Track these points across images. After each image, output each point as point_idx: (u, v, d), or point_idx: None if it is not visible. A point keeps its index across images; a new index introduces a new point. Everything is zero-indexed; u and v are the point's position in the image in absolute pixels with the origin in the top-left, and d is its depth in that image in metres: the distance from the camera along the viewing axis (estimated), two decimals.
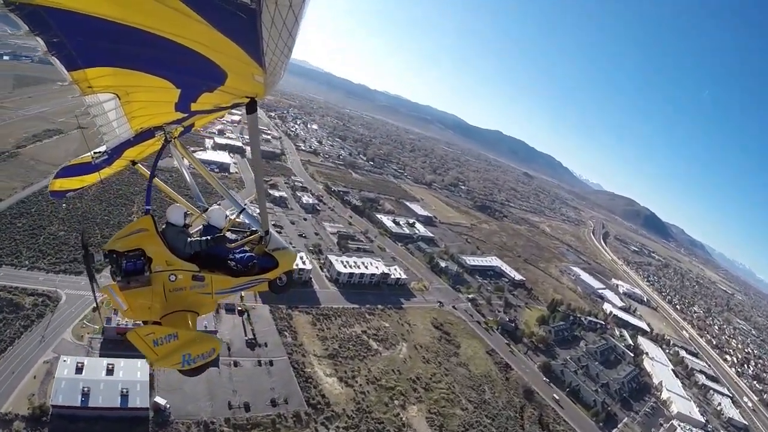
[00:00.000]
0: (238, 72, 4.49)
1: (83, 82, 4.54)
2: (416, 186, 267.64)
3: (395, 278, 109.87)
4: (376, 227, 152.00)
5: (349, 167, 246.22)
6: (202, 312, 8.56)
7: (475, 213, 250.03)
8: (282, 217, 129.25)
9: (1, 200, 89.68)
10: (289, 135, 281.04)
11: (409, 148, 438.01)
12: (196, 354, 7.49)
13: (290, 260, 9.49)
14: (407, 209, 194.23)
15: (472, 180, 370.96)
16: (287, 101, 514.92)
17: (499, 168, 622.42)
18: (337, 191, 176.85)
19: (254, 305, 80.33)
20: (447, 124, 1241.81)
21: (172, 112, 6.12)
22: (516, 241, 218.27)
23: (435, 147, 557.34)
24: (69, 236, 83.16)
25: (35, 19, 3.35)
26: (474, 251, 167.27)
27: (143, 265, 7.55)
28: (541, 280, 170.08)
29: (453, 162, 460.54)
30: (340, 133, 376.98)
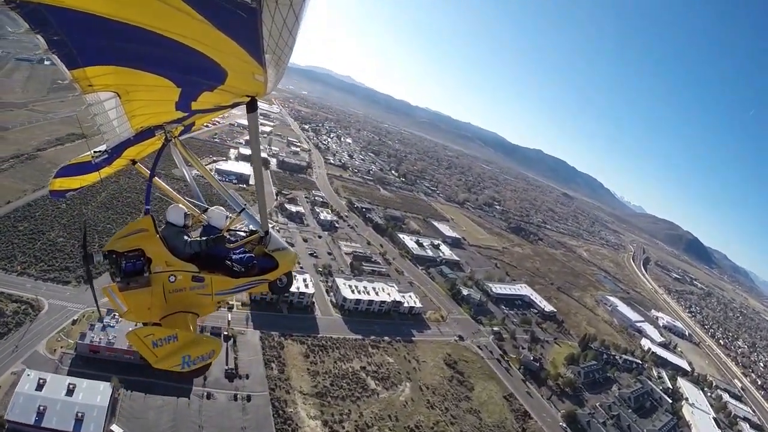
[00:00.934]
0: (238, 71, 4.53)
1: (83, 81, 4.57)
2: (447, 205, 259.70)
3: (408, 306, 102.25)
4: (396, 248, 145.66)
5: (378, 183, 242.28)
6: (202, 313, 8.66)
7: (508, 235, 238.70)
8: (295, 233, 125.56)
9: (9, 202, 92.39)
10: (320, 148, 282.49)
11: (445, 165, 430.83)
12: (195, 355, 7.54)
13: (290, 261, 9.49)
14: (434, 229, 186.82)
15: (508, 200, 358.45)
16: (324, 114, 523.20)
17: (538, 188, 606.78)
18: (360, 208, 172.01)
19: (244, 330, 75.66)
20: (487, 141, 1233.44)
21: (173, 111, 6.17)
22: (550, 267, 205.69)
23: (473, 165, 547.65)
24: (66, 243, 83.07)
25: (36, 17, 3.40)
26: (502, 278, 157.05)
27: (143, 266, 7.66)
28: (575, 311, 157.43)
29: (490, 180, 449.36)
30: (374, 147, 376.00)
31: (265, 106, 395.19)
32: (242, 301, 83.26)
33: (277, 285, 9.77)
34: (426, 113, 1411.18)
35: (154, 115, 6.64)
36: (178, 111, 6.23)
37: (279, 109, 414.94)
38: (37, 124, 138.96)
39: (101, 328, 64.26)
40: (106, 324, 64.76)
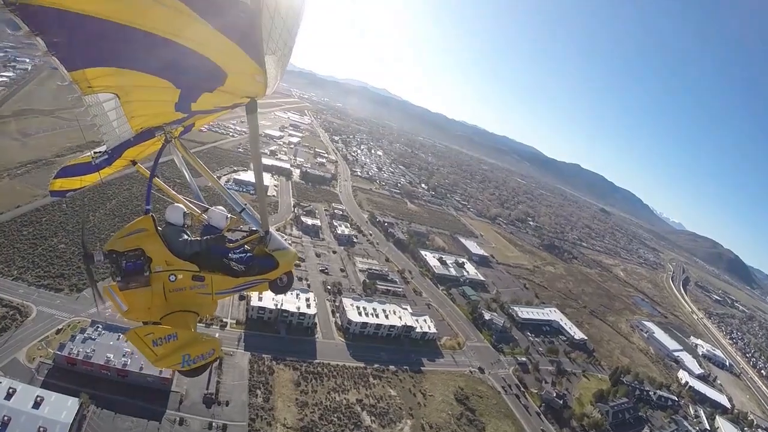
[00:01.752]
0: (238, 72, 4.62)
1: (83, 82, 4.67)
2: (478, 220, 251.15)
3: (421, 332, 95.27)
4: (417, 266, 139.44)
5: (405, 196, 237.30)
6: (202, 312, 8.72)
7: (540, 253, 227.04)
8: (309, 248, 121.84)
9: (19, 206, 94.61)
10: (348, 159, 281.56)
11: (478, 179, 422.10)
12: (195, 354, 7.57)
13: (291, 260, 9.48)
14: (460, 246, 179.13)
15: (542, 215, 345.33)
16: (356, 126, 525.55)
17: (575, 203, 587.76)
18: (382, 222, 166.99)
19: (233, 351, 71.34)
20: (523, 155, 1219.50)
21: (173, 112, 6.24)
22: (583, 288, 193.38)
23: (508, 179, 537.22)
24: (66, 250, 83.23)
25: (35, 20, 3.50)
26: (531, 300, 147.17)
27: (143, 265, 7.73)
28: (608, 338, 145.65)
29: (525, 195, 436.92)
30: (406, 160, 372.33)
31: (296, 117, 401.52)
32: (237, 319, 79.62)
33: (278, 284, 9.76)
34: (462, 127, 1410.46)
35: (154, 116, 6.75)
36: (178, 112, 6.27)
37: (310, 121, 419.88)
38: (60, 131, 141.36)
39: (81, 340, 62.87)
40: (87, 336, 63.59)
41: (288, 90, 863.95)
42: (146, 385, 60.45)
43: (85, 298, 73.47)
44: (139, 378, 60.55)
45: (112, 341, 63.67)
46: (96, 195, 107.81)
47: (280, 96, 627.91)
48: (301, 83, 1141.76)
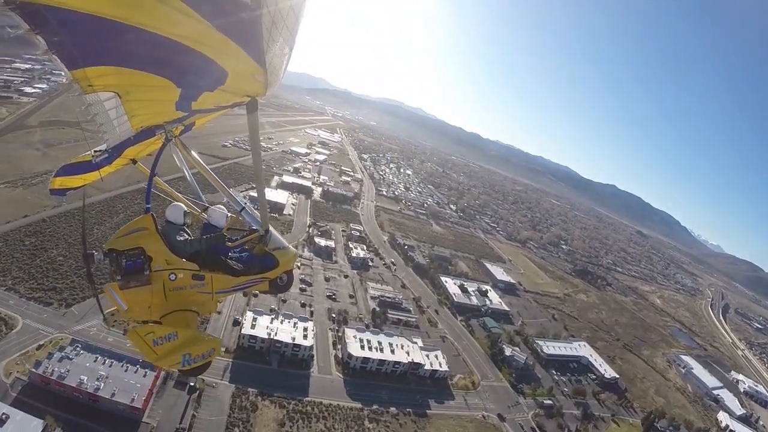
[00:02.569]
0: (238, 72, 4.68)
1: (84, 81, 4.67)
2: (507, 243, 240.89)
3: (430, 369, 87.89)
4: (436, 293, 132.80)
5: (431, 217, 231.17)
6: (202, 312, 8.85)
7: (572, 279, 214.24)
8: (318, 271, 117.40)
9: (26, 216, 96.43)
10: (375, 178, 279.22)
11: (510, 200, 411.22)
12: (196, 354, 7.72)
13: (291, 259, 9.60)
14: (485, 272, 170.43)
15: (576, 239, 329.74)
16: (388, 144, 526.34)
17: (611, 225, 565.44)
18: (402, 245, 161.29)
19: (217, 382, 66.66)
20: (558, 176, 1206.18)
21: (173, 111, 6.30)
22: (617, 318, 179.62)
23: (541, 200, 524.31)
24: (64, 263, 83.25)
25: (36, 18, 3.51)
26: (558, 333, 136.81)
27: (143, 264, 7.79)
28: (642, 375, 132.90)
29: (558, 217, 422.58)
30: (436, 180, 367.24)
31: (326, 135, 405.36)
32: (227, 347, 75.25)
33: (278, 283, 9.83)
34: (497, 146, 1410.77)
35: (154, 115, 6.80)
36: (179, 111, 6.35)
37: (340, 138, 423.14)
38: (82, 142, 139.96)
39: (58, 358, 60.84)
40: (65, 355, 61.66)
41: (322, 108, 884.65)
42: (117, 413, 57.82)
43: (73, 314, 71.96)
44: (110, 405, 57.96)
45: (88, 362, 61.84)
46: (104, 208, 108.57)
47: (313, 113, 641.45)
48: (335, 102, 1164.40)
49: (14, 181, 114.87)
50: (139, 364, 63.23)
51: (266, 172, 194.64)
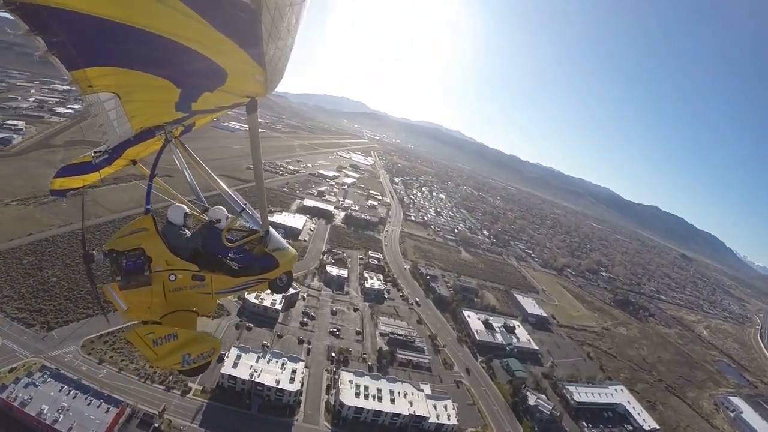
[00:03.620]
0: (238, 72, 4.72)
1: (84, 82, 4.73)
2: (542, 272, 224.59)
3: (435, 422, 76.34)
4: (456, 329, 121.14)
5: (461, 244, 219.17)
6: (202, 312, 8.96)
7: (611, 311, 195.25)
8: (325, 303, 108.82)
9: (30, 234, 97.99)
10: (404, 203, 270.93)
11: (548, 224, 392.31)
12: (196, 354, 7.77)
13: (290, 260, 9.76)
14: (516, 304, 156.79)
15: (617, 264, 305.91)
16: (423, 168, 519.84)
17: (653, 249, 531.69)
18: (425, 275, 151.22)
19: (185, 426, 59.25)
20: (599, 198, 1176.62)
21: (173, 111, 6.35)
22: (660, 355, 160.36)
23: (581, 223, 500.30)
24: (56, 285, 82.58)
25: (36, 19, 3.56)
26: (593, 375, 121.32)
27: (143, 265, 7.86)
28: (686, 422, 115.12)
29: (599, 242, 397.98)
30: (470, 203, 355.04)
31: (359, 158, 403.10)
32: (205, 386, 68.14)
33: (277, 284, 9.82)
34: (536, 169, 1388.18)
35: (154, 116, 6.88)
36: (178, 112, 6.41)
37: (373, 161, 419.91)
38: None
39: (25, 384, 59.05)
40: (31, 382, 59.65)
41: (359, 131, 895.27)
42: None
43: (53, 338, 70.48)
44: None
45: (53, 391, 59.36)
46: (112, 229, 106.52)
47: (349, 137, 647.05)
48: (373, 125, 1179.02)
49: (27, 198, 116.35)
50: (103, 399, 60.03)
51: (288, 196, 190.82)
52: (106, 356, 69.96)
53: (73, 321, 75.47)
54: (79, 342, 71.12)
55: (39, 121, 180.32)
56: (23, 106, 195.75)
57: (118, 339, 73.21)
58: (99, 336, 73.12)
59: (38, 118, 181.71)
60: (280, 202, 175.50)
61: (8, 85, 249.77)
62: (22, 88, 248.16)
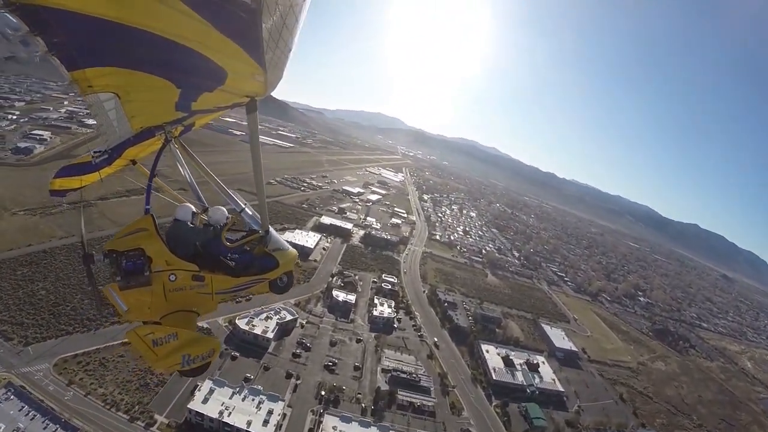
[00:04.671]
0: (238, 72, 4.68)
1: (83, 82, 4.69)
2: (575, 297, 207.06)
3: None
4: (471, 366, 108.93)
5: (488, 266, 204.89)
6: (202, 312, 8.89)
7: (649, 342, 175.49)
8: (325, 332, 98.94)
9: (30, 245, 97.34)
10: (431, 221, 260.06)
11: (584, 244, 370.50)
12: (195, 354, 7.76)
13: (291, 260, 9.75)
14: (542, 336, 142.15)
15: (655, 288, 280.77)
16: (456, 184, 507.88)
17: (694, 269, 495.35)
18: (442, 301, 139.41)
19: None
20: (638, 216, 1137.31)
21: (173, 111, 6.39)
22: (701, 394, 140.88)
23: (619, 243, 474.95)
24: (43, 298, 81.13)
25: (35, 19, 3.53)
26: (624, 423, 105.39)
27: (143, 265, 7.79)
28: None
29: (637, 263, 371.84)
30: (502, 222, 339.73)
31: (389, 174, 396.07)
32: (171, 421, 61.18)
33: (278, 284, 9.81)
34: (573, 186, 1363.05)
35: (154, 116, 6.88)
36: (178, 111, 6.43)
37: (403, 178, 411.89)
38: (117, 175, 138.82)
39: None
40: None
41: (393, 147, 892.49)
42: None
43: (28, 354, 68.50)
44: None
45: (12, 410, 57.68)
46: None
47: (382, 152, 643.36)
48: (408, 141, 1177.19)
49: (35, 209, 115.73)
50: (60, 425, 57.62)
51: (306, 213, 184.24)
52: (76, 378, 66.58)
53: (52, 338, 72.90)
54: (53, 360, 68.43)
55: (65, 132, 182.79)
56: (53, 117, 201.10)
57: (92, 360, 70.45)
58: (74, 356, 70.33)
59: (65, 129, 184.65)
60: (296, 219, 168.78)
61: (43, 96, 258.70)
62: (56, 99, 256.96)
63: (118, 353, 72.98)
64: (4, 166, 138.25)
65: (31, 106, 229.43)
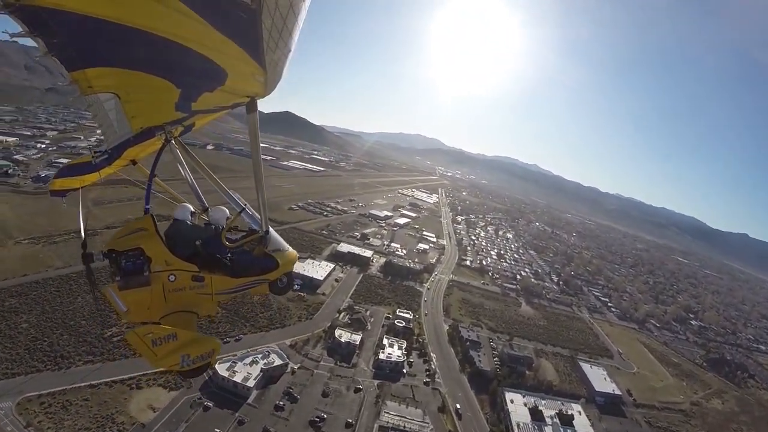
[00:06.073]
0: (238, 72, 4.70)
1: (83, 82, 4.70)
2: (620, 325, 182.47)
3: None
4: (490, 422, 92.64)
5: (522, 294, 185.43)
6: (201, 313, 8.80)
7: (703, 375, 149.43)
8: (319, 378, 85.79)
9: (26, 275, 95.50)
10: (462, 244, 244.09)
11: (629, 263, 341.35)
12: (195, 355, 7.58)
13: (291, 261, 9.75)
14: (581, 378, 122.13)
15: (708, 308, 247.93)
16: (493, 203, 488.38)
17: (746, 283, 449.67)
18: (465, 339, 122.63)
19: None
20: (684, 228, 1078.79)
21: (173, 112, 6.39)
22: None
23: (666, 259, 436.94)
24: (22, 332, 78.26)
25: (35, 20, 3.53)
26: None
27: (142, 265, 7.79)
28: None
29: (686, 280, 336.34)
30: (541, 243, 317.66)
31: (422, 196, 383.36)
32: None
33: (278, 285, 9.73)
34: (616, 200, 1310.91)
35: (154, 116, 6.83)
36: (178, 112, 6.44)
37: (436, 199, 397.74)
38: (129, 202, 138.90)
39: None
40: None
41: (431, 168, 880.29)
42: None
43: None
44: None
45: None
46: None
47: (418, 173, 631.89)
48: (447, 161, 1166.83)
49: (39, 237, 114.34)
50: None
51: (325, 240, 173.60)
52: (35, 420, 62.46)
53: (22, 374, 69.63)
54: (17, 399, 64.84)
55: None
56: (81, 146, 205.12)
57: (55, 401, 65.89)
58: (38, 395, 66.11)
59: None
60: (312, 247, 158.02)
61: (76, 126, 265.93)
62: (88, 128, 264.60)
63: (83, 396, 67.88)
64: (22, 194, 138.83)
65: (63, 135, 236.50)
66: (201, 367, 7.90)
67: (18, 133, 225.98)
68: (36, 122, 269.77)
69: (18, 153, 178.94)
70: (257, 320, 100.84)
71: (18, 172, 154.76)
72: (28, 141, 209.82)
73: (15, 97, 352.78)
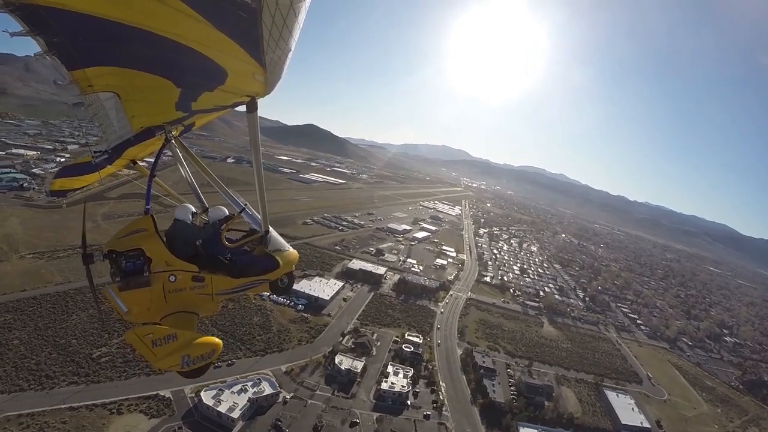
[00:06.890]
0: (238, 71, 4.66)
1: (83, 81, 4.69)
2: (649, 345, 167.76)
3: None
4: None
5: (545, 312, 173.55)
6: (202, 313, 8.65)
7: (739, 399, 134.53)
8: (311, 411, 78.06)
9: (24, 290, 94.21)
10: (482, 259, 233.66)
11: (659, 275, 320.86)
12: (195, 355, 7.45)
13: (292, 261, 9.57)
14: (605, 408, 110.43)
15: (743, 323, 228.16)
16: (518, 215, 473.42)
17: None
18: (479, 365, 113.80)
19: None
20: (715, 236, 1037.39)
21: (173, 111, 6.35)
22: None
23: (697, 269, 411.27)
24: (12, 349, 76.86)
25: (35, 19, 3.54)
26: None
27: (143, 266, 7.66)
28: None
29: (719, 291, 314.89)
30: (566, 256, 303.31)
31: (444, 208, 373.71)
32: None
33: (278, 285, 9.56)
34: (645, 208, 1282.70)
35: (154, 116, 6.83)
36: (179, 111, 6.40)
37: (460, 211, 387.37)
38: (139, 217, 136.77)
39: None
40: None
41: (456, 179, 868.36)
42: None
43: None
44: None
45: None
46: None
47: (443, 185, 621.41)
48: (473, 172, 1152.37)
49: (44, 252, 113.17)
50: None
51: (337, 256, 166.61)
52: None
53: (5, 392, 67.83)
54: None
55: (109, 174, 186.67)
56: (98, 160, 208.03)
57: (33, 423, 63.70)
58: (18, 415, 64.15)
59: None
60: (323, 264, 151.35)
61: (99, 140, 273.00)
62: None
63: (61, 419, 65.24)
64: (34, 208, 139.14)
65: (84, 149, 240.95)
66: (202, 368, 7.66)
67: (39, 146, 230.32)
68: (59, 136, 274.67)
69: (36, 167, 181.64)
70: (254, 343, 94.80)
71: (33, 186, 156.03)
72: (49, 155, 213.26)
73: (42, 111, 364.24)
